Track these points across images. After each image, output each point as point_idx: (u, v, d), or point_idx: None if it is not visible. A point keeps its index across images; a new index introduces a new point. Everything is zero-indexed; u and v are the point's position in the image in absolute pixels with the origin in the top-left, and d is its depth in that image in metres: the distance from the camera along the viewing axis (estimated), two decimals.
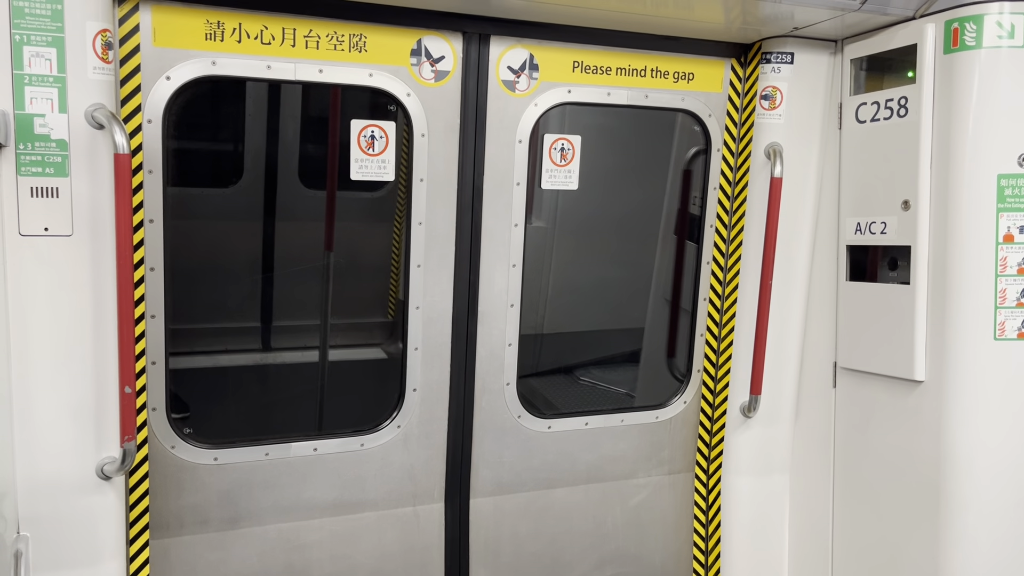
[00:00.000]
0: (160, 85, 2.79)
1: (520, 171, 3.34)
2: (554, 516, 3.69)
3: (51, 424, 2.63)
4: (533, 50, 3.27)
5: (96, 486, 2.71)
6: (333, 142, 4.47)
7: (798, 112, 3.50)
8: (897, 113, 3.18)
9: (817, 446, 3.67)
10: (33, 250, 2.53)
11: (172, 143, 2.89)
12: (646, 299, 4.68)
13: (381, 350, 5.03)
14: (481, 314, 3.41)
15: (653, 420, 3.79)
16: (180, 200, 3.16)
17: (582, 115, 4.09)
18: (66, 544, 2.70)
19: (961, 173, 2.98)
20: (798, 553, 3.83)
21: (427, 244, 3.27)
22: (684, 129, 4.22)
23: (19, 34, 2.44)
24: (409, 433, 3.39)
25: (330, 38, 2.98)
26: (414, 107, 3.15)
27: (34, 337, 2.57)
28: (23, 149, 2.48)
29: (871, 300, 3.36)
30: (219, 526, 3.16)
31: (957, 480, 3.05)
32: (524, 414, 3.55)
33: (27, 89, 2.47)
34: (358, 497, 3.35)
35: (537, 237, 5.35)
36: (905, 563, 3.25)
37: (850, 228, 3.42)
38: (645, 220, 4.74)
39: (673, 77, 3.48)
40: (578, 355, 5.50)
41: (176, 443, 3.03)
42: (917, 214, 3.10)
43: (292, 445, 3.22)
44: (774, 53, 3.47)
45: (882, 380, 3.31)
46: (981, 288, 2.99)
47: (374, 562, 3.43)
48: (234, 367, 4.78)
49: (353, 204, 4.99)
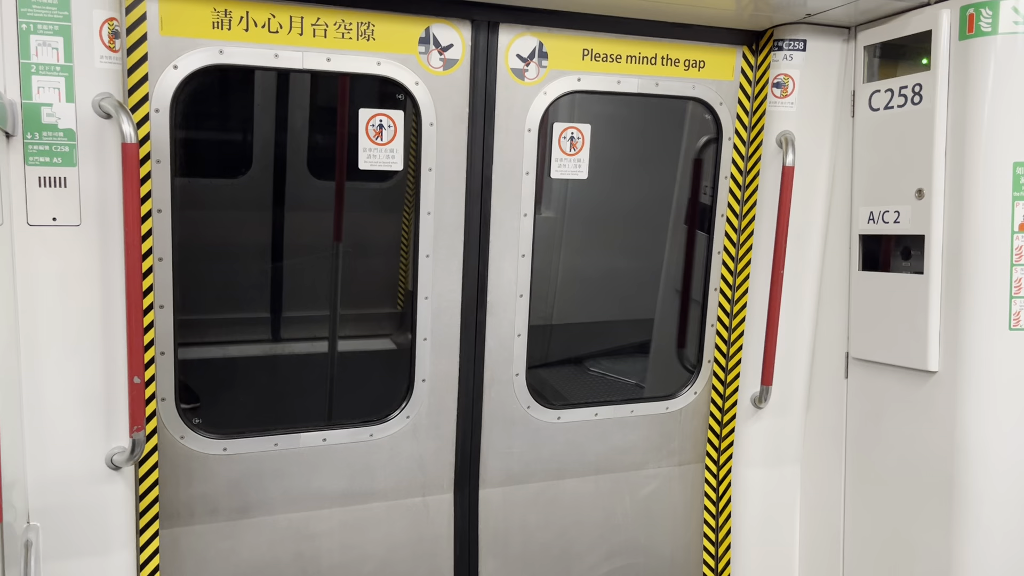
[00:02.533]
0: (167, 74, 2.78)
1: (529, 160, 3.32)
2: (563, 507, 3.68)
3: (61, 414, 2.63)
4: (542, 38, 3.24)
5: (106, 476, 2.72)
6: (341, 132, 4.46)
7: (810, 100, 3.47)
8: (911, 100, 3.14)
9: (828, 437, 3.65)
10: (41, 240, 2.53)
11: (180, 133, 2.88)
12: (656, 289, 4.66)
13: (390, 340, 5.03)
14: (490, 304, 3.40)
15: (663, 411, 3.77)
16: (188, 190, 3.16)
17: (591, 104, 4.06)
18: (76, 534, 2.71)
19: (976, 161, 2.94)
20: (809, 544, 3.81)
21: (436, 234, 3.25)
22: (695, 118, 4.18)
23: (26, 23, 2.43)
24: (418, 423, 3.38)
25: (338, 26, 2.96)
26: (422, 96, 3.13)
27: (43, 327, 2.57)
28: (31, 139, 2.48)
29: (884, 290, 3.32)
30: (229, 515, 3.16)
31: (971, 471, 3.03)
32: (533, 404, 3.53)
33: (34, 78, 2.46)
34: (367, 487, 3.35)
35: (546, 227, 5.33)
36: (917, 555, 3.23)
37: (863, 217, 3.39)
38: (655, 210, 4.71)
39: (684, 65, 3.45)
40: (588, 346, 5.49)
41: (185, 433, 3.04)
42: (931, 203, 3.06)
43: (301, 435, 3.22)
44: (786, 40, 3.43)
45: (895, 371, 3.28)
46: (996, 278, 2.96)
47: (383, 552, 3.43)
48: (243, 357, 4.79)
49: (362, 194, 4.99)
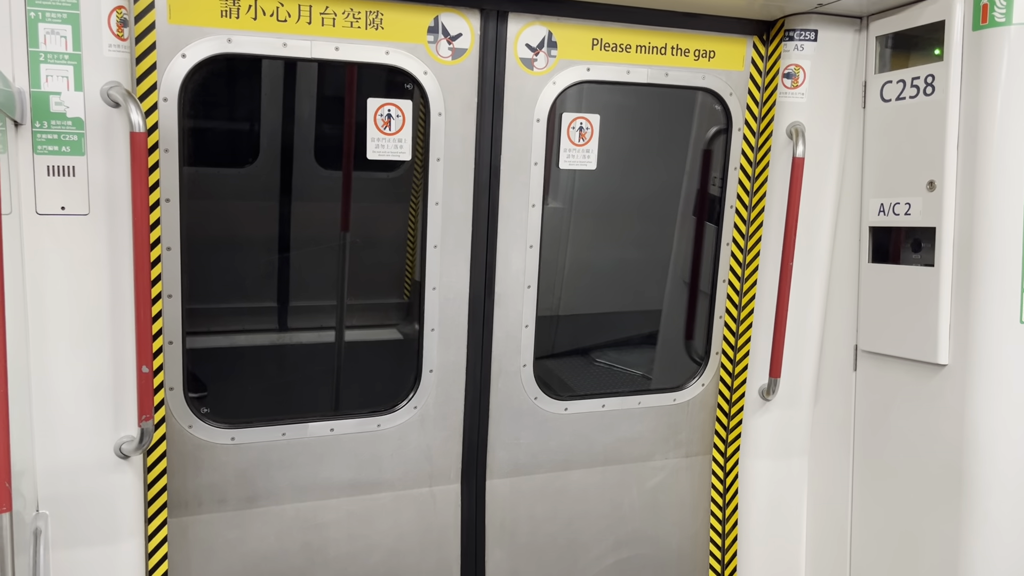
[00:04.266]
0: (176, 63, 2.77)
1: (538, 151, 3.30)
2: (571, 498, 3.68)
3: (69, 403, 2.64)
4: (552, 27, 3.22)
5: (114, 465, 2.73)
6: (349, 122, 4.44)
7: (821, 91, 3.44)
8: (923, 91, 3.12)
9: (836, 429, 3.64)
10: (50, 229, 2.53)
11: (188, 122, 2.88)
12: (664, 281, 4.65)
13: (396, 331, 5.03)
14: (498, 295, 3.39)
15: (671, 402, 3.77)
16: (196, 179, 3.15)
17: (599, 93, 4.04)
18: (85, 522, 2.72)
19: (989, 153, 2.92)
20: (816, 536, 3.81)
21: (444, 224, 3.25)
22: (704, 108, 4.16)
23: (34, 11, 2.42)
24: (426, 414, 3.38)
25: (346, 15, 2.95)
26: (431, 85, 3.11)
27: (51, 317, 2.57)
28: (39, 127, 2.47)
29: (894, 282, 3.31)
30: (236, 505, 3.17)
31: (979, 464, 3.02)
32: (541, 395, 3.53)
33: (43, 67, 2.46)
34: (375, 477, 3.35)
35: (553, 218, 5.31)
36: (925, 547, 3.22)
37: (873, 209, 3.36)
38: (663, 201, 4.69)
39: (694, 55, 3.42)
40: (594, 337, 5.48)
41: (193, 422, 3.04)
42: (943, 195, 3.04)
43: (309, 425, 3.22)
44: (797, 30, 3.40)
45: (904, 363, 3.27)
46: (1008, 270, 2.94)
47: (391, 542, 3.43)
48: (251, 347, 4.80)
49: (369, 184, 4.98)
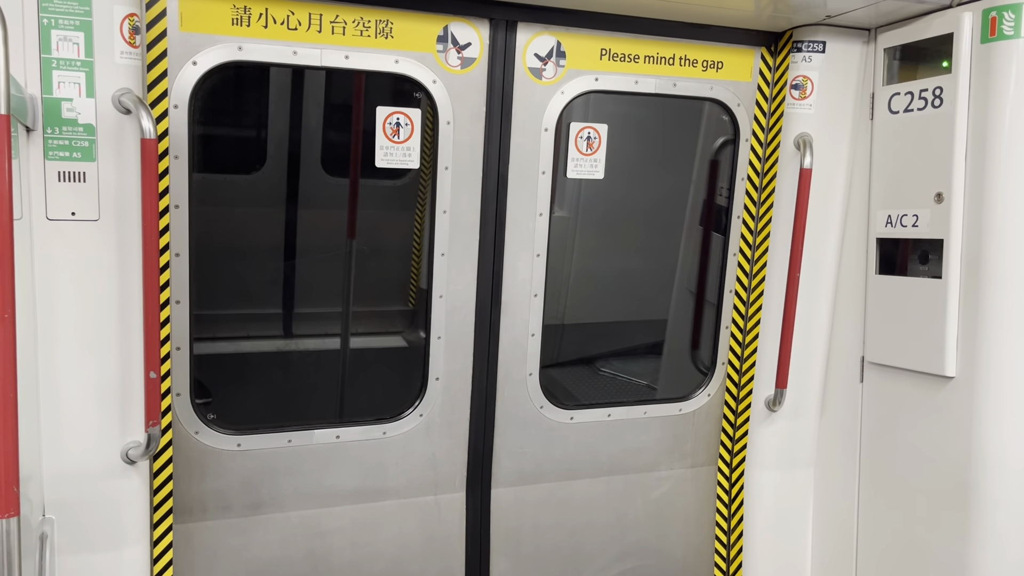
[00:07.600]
0: (187, 70, 2.78)
1: (546, 160, 3.31)
2: (575, 507, 3.68)
3: (77, 408, 2.64)
4: (560, 37, 3.23)
5: (121, 470, 2.73)
6: (356, 129, 4.45)
7: (829, 102, 3.45)
8: (931, 104, 3.12)
9: (843, 441, 3.63)
10: (60, 234, 2.54)
11: (198, 129, 2.89)
12: (670, 290, 4.64)
13: (401, 338, 5.03)
14: (504, 303, 3.39)
15: (676, 413, 3.76)
16: (204, 186, 3.16)
17: (606, 103, 4.05)
18: (91, 527, 2.72)
19: (997, 165, 2.92)
20: (821, 548, 3.79)
21: (451, 232, 3.25)
22: (712, 118, 4.17)
23: (47, 18, 2.44)
24: (431, 422, 3.38)
25: (356, 24, 2.96)
26: (440, 94, 3.13)
27: (60, 322, 2.58)
28: (51, 133, 2.49)
29: (901, 294, 3.30)
30: (241, 511, 3.17)
31: (987, 478, 3.01)
32: (547, 404, 3.53)
33: (55, 73, 2.47)
34: (380, 485, 3.35)
35: (559, 227, 5.31)
36: (932, 560, 3.21)
37: (880, 221, 3.36)
38: (670, 211, 4.69)
39: (702, 66, 3.43)
40: (600, 346, 5.47)
41: (200, 428, 3.04)
42: (951, 207, 3.04)
43: (314, 432, 3.22)
44: (805, 42, 3.41)
45: (911, 375, 3.26)
46: (1015, 283, 2.93)
47: (395, 550, 3.43)
48: (257, 353, 4.80)
49: (375, 192, 4.98)
